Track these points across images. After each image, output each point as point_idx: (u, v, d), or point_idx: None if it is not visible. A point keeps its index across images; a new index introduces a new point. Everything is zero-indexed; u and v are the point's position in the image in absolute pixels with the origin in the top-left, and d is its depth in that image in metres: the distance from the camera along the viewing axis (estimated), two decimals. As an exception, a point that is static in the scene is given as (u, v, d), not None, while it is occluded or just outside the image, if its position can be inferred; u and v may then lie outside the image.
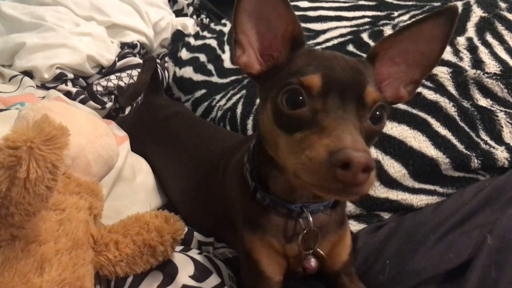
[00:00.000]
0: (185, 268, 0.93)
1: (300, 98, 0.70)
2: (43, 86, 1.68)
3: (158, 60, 2.06)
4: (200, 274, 0.94)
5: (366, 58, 0.82)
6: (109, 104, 1.75)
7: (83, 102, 1.68)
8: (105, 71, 1.84)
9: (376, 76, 0.80)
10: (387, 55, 0.82)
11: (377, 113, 0.74)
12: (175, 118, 1.44)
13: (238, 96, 1.56)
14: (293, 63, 0.77)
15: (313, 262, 0.90)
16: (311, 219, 0.88)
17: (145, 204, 1.26)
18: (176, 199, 1.30)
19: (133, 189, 1.28)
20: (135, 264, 0.86)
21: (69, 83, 1.72)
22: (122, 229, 0.87)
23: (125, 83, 1.79)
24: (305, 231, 0.88)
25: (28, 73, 1.69)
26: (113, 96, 1.80)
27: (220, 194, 1.06)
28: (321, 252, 0.90)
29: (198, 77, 1.81)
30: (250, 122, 1.46)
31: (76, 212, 0.83)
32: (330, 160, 0.61)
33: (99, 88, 1.76)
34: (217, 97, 1.65)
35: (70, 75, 1.73)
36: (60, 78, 1.69)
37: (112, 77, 1.81)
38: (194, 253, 1.03)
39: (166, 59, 2.13)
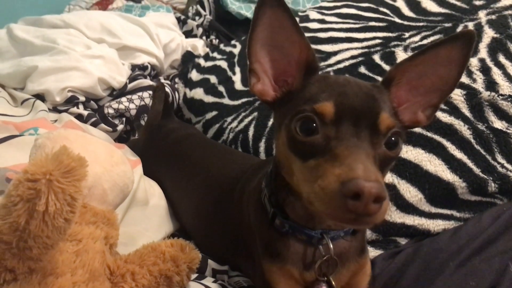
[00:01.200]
0: (201, 297, 0.92)
1: (314, 125, 0.70)
2: (55, 109, 1.69)
3: (168, 81, 2.08)
4: (215, 303, 0.93)
5: (382, 82, 0.82)
6: (120, 127, 1.76)
7: (94, 124, 1.69)
8: (116, 93, 1.85)
9: (392, 101, 0.80)
10: (404, 79, 0.81)
11: (393, 139, 0.74)
12: (187, 140, 1.44)
13: (249, 118, 1.56)
14: (307, 89, 0.77)
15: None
16: (331, 245, 0.86)
17: (158, 230, 1.25)
18: (189, 224, 1.29)
19: (146, 214, 1.27)
20: (151, 295, 0.85)
21: (81, 106, 1.73)
22: (138, 259, 0.86)
23: (136, 105, 1.80)
24: (324, 258, 0.86)
25: (40, 96, 1.70)
26: (124, 119, 1.81)
27: (235, 219, 1.05)
28: (333, 282, 0.88)
29: (209, 98, 1.81)
30: (262, 145, 1.45)
31: (92, 242, 0.82)
32: (341, 190, 0.61)
33: (111, 111, 1.76)
34: (229, 119, 1.64)
35: (82, 98, 1.73)
36: (71, 101, 1.70)
37: (123, 99, 1.81)
38: (209, 281, 1.02)
39: (176, 80, 2.14)
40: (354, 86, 0.75)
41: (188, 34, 2.65)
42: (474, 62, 1.40)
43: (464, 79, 1.39)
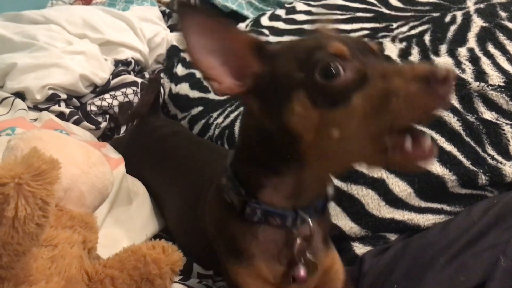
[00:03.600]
0: (185, 299, 0.89)
1: (335, 68, 0.65)
2: (36, 107, 1.65)
3: (153, 77, 2.03)
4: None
5: None
6: (103, 124, 1.72)
7: (76, 122, 1.65)
8: (99, 90, 1.81)
9: None
10: None
11: None
12: (172, 138, 1.40)
13: (236, 113, 1.53)
14: (286, 56, 0.73)
15: (302, 271, 0.82)
16: (310, 221, 0.81)
17: (142, 230, 1.21)
18: (172, 226, 1.25)
19: (129, 215, 1.24)
20: (132, 300, 0.82)
21: (62, 104, 1.69)
22: (118, 264, 0.83)
23: (119, 102, 1.76)
24: (303, 236, 0.81)
25: (20, 94, 1.66)
26: (107, 116, 1.77)
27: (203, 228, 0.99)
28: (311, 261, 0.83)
29: (195, 93, 1.77)
30: (248, 140, 1.42)
31: (69, 247, 0.79)
32: (429, 79, 0.58)
33: (93, 108, 1.72)
34: (214, 115, 1.61)
35: (63, 96, 1.69)
36: (52, 99, 1.66)
37: (107, 96, 1.78)
38: (194, 283, 0.99)
39: (162, 75, 2.09)
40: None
41: (174, 27, 2.60)
42: (463, 52, 1.38)
43: (453, 69, 1.37)
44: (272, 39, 1.84)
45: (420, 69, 0.60)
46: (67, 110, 1.66)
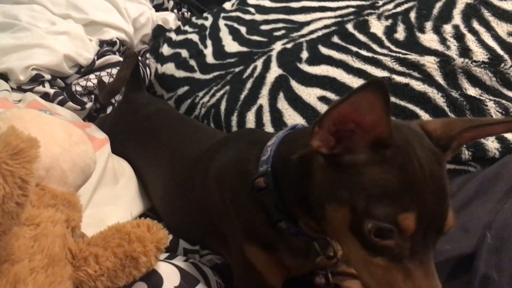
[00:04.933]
0: (170, 278, 0.89)
1: (390, 234, 0.63)
2: (19, 88, 1.62)
3: (139, 57, 2.01)
4: (187, 283, 0.90)
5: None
6: (89, 105, 1.70)
7: (62, 103, 1.62)
8: (84, 70, 1.78)
9: None
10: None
11: None
12: (157, 116, 1.38)
13: (221, 92, 1.52)
14: (378, 169, 0.64)
15: (322, 279, 0.89)
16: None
17: (129, 210, 1.21)
18: (158, 205, 1.25)
19: (115, 194, 1.23)
20: (117, 278, 0.81)
21: (47, 84, 1.66)
22: (102, 242, 0.83)
23: (98, 79, 1.73)
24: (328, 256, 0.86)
25: (3, 76, 1.63)
26: (93, 96, 1.75)
27: (202, 204, 1.01)
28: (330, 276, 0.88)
29: (180, 73, 1.75)
30: (234, 119, 1.42)
31: (52, 226, 0.78)
32: None
33: (78, 88, 1.70)
34: (200, 94, 1.60)
35: (47, 76, 1.66)
36: (36, 80, 1.63)
37: (92, 76, 1.75)
38: (179, 260, 0.99)
39: (147, 55, 2.07)
40: (431, 180, 0.64)
41: (159, 7, 2.56)
42: (448, 29, 1.38)
43: (437, 46, 1.37)
44: (259, 17, 1.83)
45: None
46: (51, 91, 1.63)
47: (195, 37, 1.93)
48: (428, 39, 1.40)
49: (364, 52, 1.39)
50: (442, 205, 0.65)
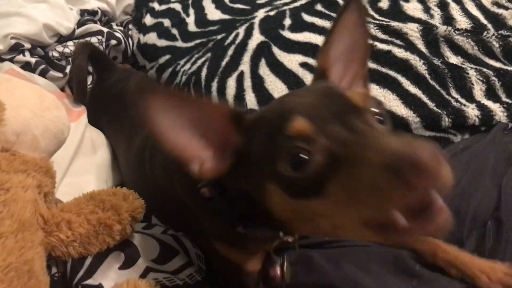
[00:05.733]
0: (148, 249, 0.89)
1: (300, 157, 0.54)
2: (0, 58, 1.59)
3: (120, 28, 1.97)
4: (165, 255, 0.90)
5: (316, 79, 0.74)
6: (68, 69, 1.66)
7: (44, 72, 1.58)
8: (64, 39, 1.74)
9: None
10: (332, 65, 0.73)
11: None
12: (127, 93, 1.34)
13: (203, 59, 1.50)
14: (258, 132, 0.61)
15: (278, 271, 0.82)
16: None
17: (107, 179, 1.21)
18: (128, 184, 1.18)
19: (93, 164, 1.22)
20: (90, 244, 0.81)
21: (27, 53, 1.62)
22: (75, 208, 0.82)
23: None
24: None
25: (-19, 45, 1.59)
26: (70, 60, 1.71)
27: (159, 191, 0.97)
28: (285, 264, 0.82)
29: (162, 42, 1.72)
30: (214, 84, 1.40)
31: (22, 191, 0.77)
32: (397, 168, 0.44)
33: (55, 54, 1.66)
34: (182, 62, 1.58)
35: (27, 45, 1.62)
36: (16, 49, 1.59)
37: (70, 43, 1.71)
38: (158, 231, 0.98)
39: (130, 26, 2.03)
40: (300, 95, 0.64)
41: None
42: (432, -3, 1.37)
43: (421, 14, 1.36)
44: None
45: (389, 153, 0.46)
46: (32, 60, 1.59)
47: (177, 6, 1.89)
48: (412, 8, 1.38)
49: (347, 20, 1.37)
50: (329, 94, 0.61)
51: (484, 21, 1.32)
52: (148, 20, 1.93)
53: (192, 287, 0.86)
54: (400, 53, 1.24)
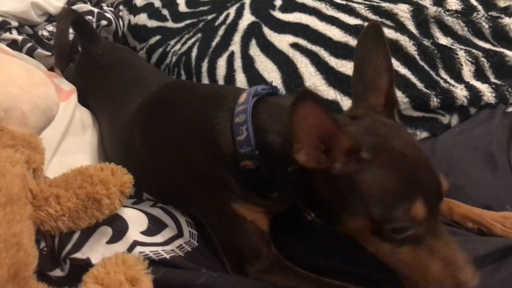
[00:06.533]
0: (136, 223, 0.89)
1: (406, 231, 0.68)
2: (-14, 36, 1.57)
3: (111, 9, 1.95)
4: (154, 227, 0.90)
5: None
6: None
7: (31, 50, 1.57)
8: (54, 19, 1.73)
9: None
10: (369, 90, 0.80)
11: None
12: (110, 67, 1.33)
13: (193, 39, 1.49)
14: (370, 174, 0.68)
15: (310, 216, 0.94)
16: None
17: (98, 158, 1.20)
18: (113, 158, 1.16)
19: (83, 143, 1.22)
20: (79, 219, 0.81)
21: (14, 31, 1.61)
22: (63, 183, 0.82)
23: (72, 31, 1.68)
24: None
25: (-32, 23, 1.57)
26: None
27: (150, 167, 0.99)
28: None
29: (153, 23, 1.71)
30: (205, 65, 1.40)
31: (11, 166, 0.77)
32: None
33: (45, 33, 1.65)
34: (172, 42, 1.57)
35: (14, 23, 1.61)
36: (3, 27, 1.58)
37: (60, 23, 1.70)
38: (147, 205, 0.99)
39: (121, 7, 2.00)
40: (414, 157, 0.70)
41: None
42: (424, -22, 1.36)
43: (412, -4, 1.36)
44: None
45: (450, 267, 0.67)
46: (19, 38, 1.58)
47: (168, -13, 1.88)
48: (404, -11, 1.38)
49: (338, 0, 1.36)
50: (433, 175, 0.70)
51: (475, 3, 1.32)
52: (139, 0, 1.92)
53: (180, 259, 0.86)
54: (390, 34, 1.24)
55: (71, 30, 1.47)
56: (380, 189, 0.68)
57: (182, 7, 1.68)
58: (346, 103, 1.17)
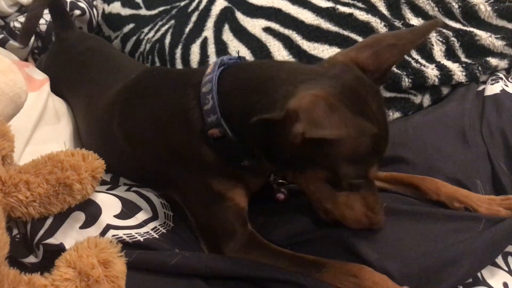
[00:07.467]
0: (110, 207, 0.89)
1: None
2: (-44, 27, 1.55)
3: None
4: (128, 211, 0.90)
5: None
6: (30, 42, 1.62)
7: (3, 42, 1.55)
8: (25, 9, 1.70)
9: None
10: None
11: None
12: (85, 56, 1.32)
13: (166, 26, 1.49)
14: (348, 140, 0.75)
15: (282, 196, 0.98)
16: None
17: (72, 147, 1.19)
18: (88, 145, 1.15)
19: (57, 132, 1.21)
20: (50, 204, 0.81)
21: (-16, 22, 1.59)
22: (33, 169, 0.81)
23: (46, 21, 1.66)
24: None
25: None
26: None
27: (128, 153, 1.00)
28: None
29: (126, 11, 1.70)
30: (178, 51, 1.40)
31: (-23, 153, 0.76)
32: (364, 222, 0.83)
33: (17, 25, 1.62)
34: (145, 30, 1.56)
35: (-16, 14, 1.59)
36: (-28, 18, 1.56)
37: (32, 14, 1.67)
38: (121, 190, 0.98)
39: (95, -4, 1.99)
40: (383, 126, 0.78)
41: None
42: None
43: (383, -23, 1.36)
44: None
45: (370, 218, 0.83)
46: (-10, 29, 1.56)
47: (142, -25, 1.86)
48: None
49: (310, -17, 1.37)
50: (387, 144, 0.80)
51: (445, -18, 1.34)
52: (113, -11, 1.90)
53: (154, 241, 0.87)
54: (361, 15, 1.25)
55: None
56: (351, 152, 0.74)
57: (155, -6, 1.67)
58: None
